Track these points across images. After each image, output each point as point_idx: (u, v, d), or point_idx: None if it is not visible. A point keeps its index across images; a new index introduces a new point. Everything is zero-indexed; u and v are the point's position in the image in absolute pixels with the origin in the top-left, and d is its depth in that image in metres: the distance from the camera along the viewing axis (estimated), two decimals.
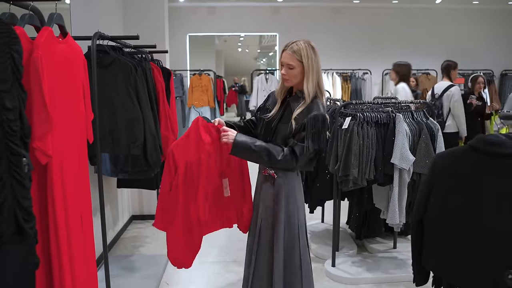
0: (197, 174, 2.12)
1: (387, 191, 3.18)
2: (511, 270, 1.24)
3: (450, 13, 8.96)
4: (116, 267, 3.26)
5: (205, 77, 8.37)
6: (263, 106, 2.32)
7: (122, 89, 2.73)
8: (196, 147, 2.10)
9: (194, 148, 2.10)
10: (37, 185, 1.60)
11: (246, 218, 2.32)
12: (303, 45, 2.05)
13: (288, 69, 2.07)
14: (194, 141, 2.10)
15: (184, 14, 8.83)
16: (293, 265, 2.17)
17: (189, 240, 2.18)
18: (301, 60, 2.05)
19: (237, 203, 2.31)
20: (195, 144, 2.10)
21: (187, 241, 2.18)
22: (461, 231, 1.45)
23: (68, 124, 1.77)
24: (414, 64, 8.67)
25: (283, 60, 2.09)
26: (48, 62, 1.56)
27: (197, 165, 2.11)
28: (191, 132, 2.12)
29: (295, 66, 2.05)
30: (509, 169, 1.27)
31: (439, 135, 3.10)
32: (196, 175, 2.12)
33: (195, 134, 2.11)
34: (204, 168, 2.12)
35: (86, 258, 1.88)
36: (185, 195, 2.12)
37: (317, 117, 2.04)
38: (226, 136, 2.05)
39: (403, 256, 3.47)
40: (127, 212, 4.37)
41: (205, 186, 2.15)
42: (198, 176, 2.13)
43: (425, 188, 1.62)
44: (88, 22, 3.37)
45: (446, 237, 1.52)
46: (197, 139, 2.10)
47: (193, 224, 2.15)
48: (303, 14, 8.84)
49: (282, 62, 2.10)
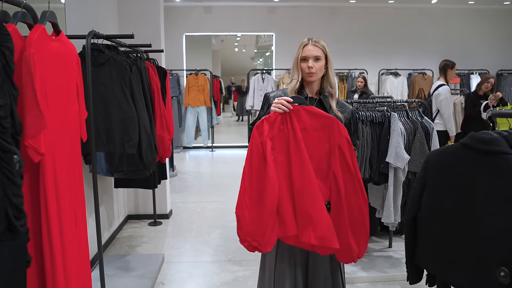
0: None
1: (382, 190, 3.19)
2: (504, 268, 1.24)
3: (446, 13, 8.99)
4: (112, 266, 3.25)
5: (201, 77, 8.37)
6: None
7: (116, 88, 2.73)
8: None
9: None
10: (29, 182, 1.59)
11: (354, 252, 1.88)
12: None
13: (314, 61, 1.98)
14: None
15: (180, 13, 8.83)
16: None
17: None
18: (325, 52, 2.02)
19: (343, 226, 1.86)
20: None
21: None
22: (454, 229, 1.46)
23: (62, 122, 1.77)
24: (410, 64, 8.76)
25: (308, 54, 1.99)
26: (40, 59, 1.56)
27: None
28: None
29: (321, 58, 2.00)
30: (500, 166, 1.27)
31: (434, 134, 3.11)
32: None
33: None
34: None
35: (79, 256, 1.87)
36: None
37: (354, 112, 2.13)
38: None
39: (399, 255, 3.47)
40: (122, 211, 4.36)
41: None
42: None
43: (418, 186, 1.62)
44: (83, 21, 3.37)
45: (439, 235, 1.52)
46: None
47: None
48: (300, 14, 8.85)
49: (307, 56, 1.99)
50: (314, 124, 1.85)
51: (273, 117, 1.88)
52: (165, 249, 3.73)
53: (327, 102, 2.04)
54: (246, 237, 1.85)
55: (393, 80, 8.53)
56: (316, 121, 1.85)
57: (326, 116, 1.86)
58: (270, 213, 1.81)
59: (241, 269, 3.31)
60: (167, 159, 3.99)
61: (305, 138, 1.85)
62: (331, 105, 2.05)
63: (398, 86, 8.52)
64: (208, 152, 8.96)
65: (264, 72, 8.32)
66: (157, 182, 3.97)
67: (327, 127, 1.84)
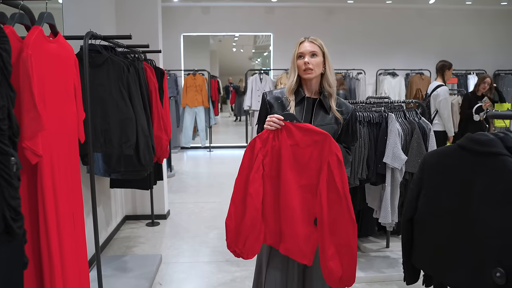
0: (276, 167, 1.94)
1: (380, 191, 3.20)
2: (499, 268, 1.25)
3: (444, 13, 9.01)
4: (109, 267, 3.25)
5: (199, 77, 8.37)
6: (271, 112, 2.06)
7: (114, 89, 2.73)
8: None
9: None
10: (27, 184, 1.59)
11: (335, 274, 1.88)
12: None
13: (311, 57, 1.99)
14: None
15: (178, 14, 8.82)
16: None
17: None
18: (322, 49, 2.02)
19: (326, 245, 1.87)
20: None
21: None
22: (451, 230, 1.46)
23: (59, 123, 1.77)
24: (407, 64, 8.78)
25: (304, 50, 2.00)
26: (38, 61, 1.56)
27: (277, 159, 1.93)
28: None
29: (318, 54, 2.00)
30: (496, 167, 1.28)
31: (431, 134, 3.11)
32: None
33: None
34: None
35: (78, 258, 1.87)
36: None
37: (354, 112, 2.14)
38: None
39: (396, 255, 3.48)
40: (120, 212, 4.35)
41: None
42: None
43: (415, 187, 1.63)
44: (80, 22, 3.37)
45: (436, 235, 1.53)
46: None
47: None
48: (297, 14, 8.85)
49: (303, 52, 2.00)
50: (306, 140, 1.89)
51: (266, 134, 1.94)
52: (163, 250, 3.73)
53: (327, 103, 2.05)
54: (230, 244, 2.00)
55: (391, 80, 8.55)
56: (308, 137, 1.89)
57: (318, 132, 1.88)
58: (249, 227, 1.92)
59: (238, 270, 3.31)
60: (164, 159, 3.99)
61: (297, 154, 1.91)
62: (331, 105, 2.05)
63: (396, 86, 8.54)
64: (206, 152, 8.96)
65: (262, 72, 8.32)
66: (153, 183, 3.97)
67: (319, 143, 1.87)
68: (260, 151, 1.93)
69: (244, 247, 1.94)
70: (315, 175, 1.89)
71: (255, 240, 1.94)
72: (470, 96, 5.42)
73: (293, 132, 1.90)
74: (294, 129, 1.90)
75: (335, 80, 2.10)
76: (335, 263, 1.87)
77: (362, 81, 8.49)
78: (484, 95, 5.32)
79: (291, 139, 1.90)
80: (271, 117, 1.91)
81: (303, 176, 1.91)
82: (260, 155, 1.93)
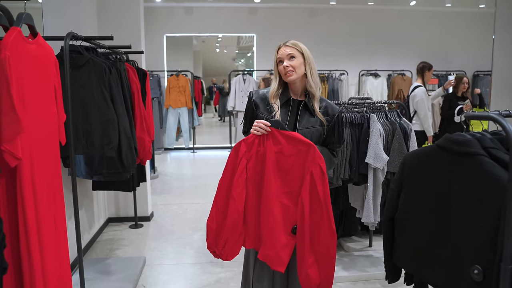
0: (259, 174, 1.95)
1: (362, 190, 3.23)
2: (477, 265, 1.28)
3: (424, 15, 9.15)
4: (92, 270, 3.21)
5: (182, 78, 8.33)
6: (256, 115, 2.09)
7: (96, 90, 2.70)
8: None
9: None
10: (6, 188, 1.56)
11: (313, 282, 1.90)
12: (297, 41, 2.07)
13: (289, 60, 2.00)
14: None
15: (161, 14, 8.77)
16: None
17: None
18: (301, 51, 2.03)
19: (305, 253, 1.88)
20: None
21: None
22: (430, 229, 1.49)
23: (39, 125, 1.74)
24: (389, 65, 8.88)
25: (282, 54, 2.02)
26: (16, 63, 1.53)
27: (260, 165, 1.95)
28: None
29: (296, 56, 2.01)
30: (474, 167, 1.31)
31: (412, 134, 3.16)
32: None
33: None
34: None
35: (59, 261, 1.85)
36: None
37: (340, 114, 2.14)
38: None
39: (379, 254, 3.52)
40: (103, 214, 4.30)
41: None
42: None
43: (396, 187, 1.65)
44: (61, 22, 3.32)
45: (416, 234, 1.56)
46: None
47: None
48: (280, 15, 8.88)
49: (281, 57, 2.02)
50: (290, 149, 1.90)
51: (251, 138, 1.95)
52: (146, 252, 3.70)
53: (311, 105, 2.06)
54: (210, 245, 2.02)
55: (373, 81, 8.65)
56: (292, 146, 1.90)
57: (303, 142, 1.89)
58: (230, 230, 1.94)
59: (223, 271, 3.31)
60: (147, 161, 3.96)
61: (280, 161, 1.92)
62: (314, 107, 2.06)
63: (378, 86, 8.64)
64: (189, 153, 8.92)
65: (245, 73, 8.32)
66: (136, 185, 3.94)
67: (303, 152, 1.89)
68: (244, 155, 1.94)
69: (223, 249, 1.97)
70: (297, 183, 1.91)
71: (235, 242, 1.96)
72: (450, 97, 5.51)
73: (278, 139, 1.91)
74: (280, 137, 1.91)
75: (319, 82, 2.11)
76: (314, 271, 1.89)
77: (344, 82, 8.56)
78: (465, 95, 5.42)
79: (276, 146, 1.91)
80: (258, 122, 1.92)
81: (285, 183, 1.92)
82: (244, 159, 1.94)
